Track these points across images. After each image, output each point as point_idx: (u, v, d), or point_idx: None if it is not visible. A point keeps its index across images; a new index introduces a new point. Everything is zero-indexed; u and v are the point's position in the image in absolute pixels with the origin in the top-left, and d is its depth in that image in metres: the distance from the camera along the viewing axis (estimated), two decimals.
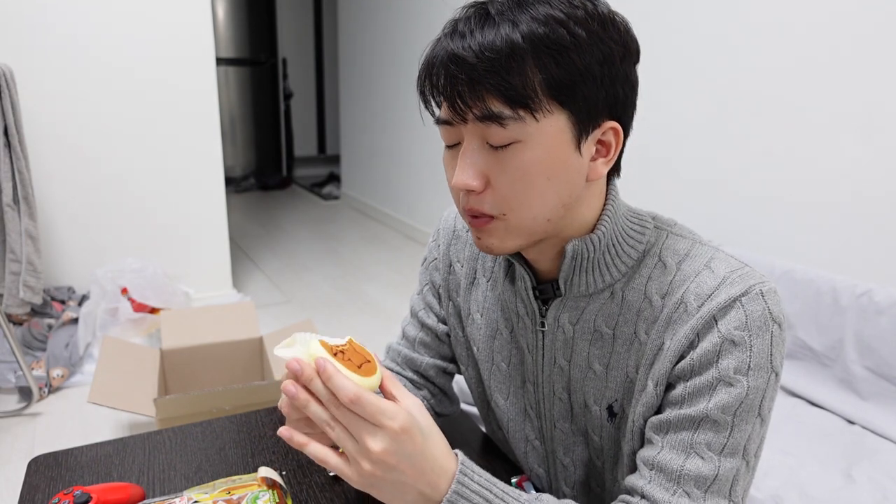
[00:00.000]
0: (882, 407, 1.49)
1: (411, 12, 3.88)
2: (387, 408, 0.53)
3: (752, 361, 0.59)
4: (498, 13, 0.57)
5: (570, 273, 0.67)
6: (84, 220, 2.70)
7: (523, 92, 0.56)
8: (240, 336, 2.10)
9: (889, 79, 1.63)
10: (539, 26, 0.55)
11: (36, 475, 0.81)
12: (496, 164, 0.60)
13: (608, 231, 0.65)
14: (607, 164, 0.63)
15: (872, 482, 1.29)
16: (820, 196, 1.81)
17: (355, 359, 0.58)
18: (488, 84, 0.56)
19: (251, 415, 0.97)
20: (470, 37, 0.57)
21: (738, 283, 0.61)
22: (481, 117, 0.57)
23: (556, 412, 0.75)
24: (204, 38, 2.74)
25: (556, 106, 0.57)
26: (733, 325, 0.59)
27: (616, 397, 0.69)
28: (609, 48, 0.58)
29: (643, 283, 0.66)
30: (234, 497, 0.70)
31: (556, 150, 0.59)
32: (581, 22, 0.57)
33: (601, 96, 0.59)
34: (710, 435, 0.60)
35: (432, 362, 0.87)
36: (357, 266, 3.75)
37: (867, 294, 1.54)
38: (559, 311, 0.70)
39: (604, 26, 0.58)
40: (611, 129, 0.61)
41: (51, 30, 2.46)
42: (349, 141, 5.18)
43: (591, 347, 0.69)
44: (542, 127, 0.58)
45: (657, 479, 0.61)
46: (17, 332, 2.33)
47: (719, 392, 0.60)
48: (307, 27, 6.22)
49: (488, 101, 0.57)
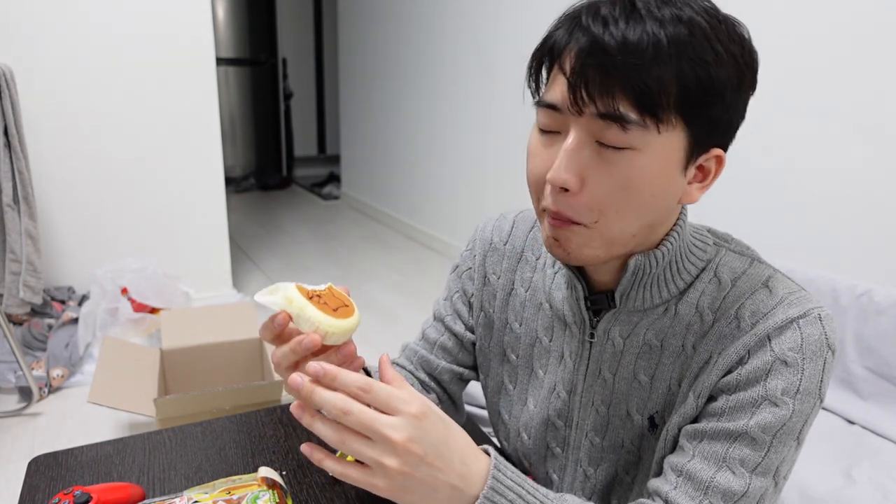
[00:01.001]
0: (882, 407, 1.49)
1: (411, 12, 3.88)
2: (400, 393, 0.50)
3: (802, 385, 0.58)
4: (645, 7, 0.53)
5: (629, 288, 0.65)
6: (84, 220, 2.70)
7: (657, 99, 0.53)
8: (240, 336, 2.10)
9: (889, 79, 1.63)
10: (684, 28, 0.52)
11: (36, 475, 0.81)
12: (601, 165, 0.56)
13: (673, 248, 0.64)
14: (702, 190, 0.61)
15: (872, 482, 1.29)
16: (820, 196, 1.81)
17: (331, 302, 0.57)
18: (624, 81, 0.52)
19: (251, 415, 0.96)
20: (614, 25, 0.52)
21: (796, 305, 0.60)
22: (604, 114, 0.53)
23: (590, 424, 0.74)
24: (204, 38, 2.73)
25: (680, 121, 0.55)
26: (788, 345, 0.58)
27: (657, 409, 0.68)
28: (742, 73, 0.56)
29: (696, 298, 0.65)
30: (234, 497, 0.70)
31: (667, 166, 0.56)
32: (722, 36, 0.54)
33: (723, 120, 0.57)
34: (747, 451, 0.59)
35: (448, 367, 0.85)
36: (357, 266, 3.75)
37: (867, 294, 1.54)
38: (610, 324, 0.69)
39: (742, 46, 0.56)
40: (715, 156, 0.59)
41: (51, 30, 2.46)
42: (349, 141, 5.17)
43: (638, 360, 0.68)
44: (662, 139, 0.55)
45: (683, 487, 0.60)
46: (17, 332, 2.33)
47: (763, 410, 0.58)
48: (307, 27, 6.21)
49: (618, 99, 0.53)
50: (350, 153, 5.19)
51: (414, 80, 3.96)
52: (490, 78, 3.26)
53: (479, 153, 3.42)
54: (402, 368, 0.87)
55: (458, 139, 3.62)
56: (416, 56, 3.89)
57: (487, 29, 3.22)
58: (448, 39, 3.55)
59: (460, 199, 3.70)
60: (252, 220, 4.77)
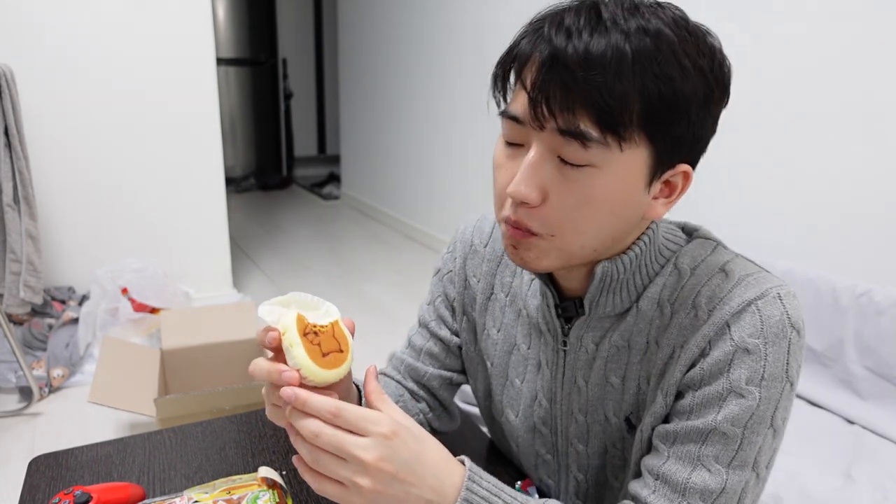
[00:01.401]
0: (882, 407, 1.49)
1: (411, 13, 3.88)
2: (370, 414, 0.51)
3: (767, 371, 0.56)
4: (611, 17, 0.51)
5: (597, 294, 0.64)
6: (84, 220, 2.70)
7: (619, 117, 0.51)
8: (240, 336, 2.10)
9: (889, 78, 1.63)
10: (650, 41, 0.51)
11: (36, 475, 0.81)
12: (562, 181, 0.55)
13: (642, 253, 0.62)
14: (667, 206, 0.60)
15: (872, 482, 1.29)
16: (820, 196, 1.81)
17: (326, 345, 0.54)
18: (585, 98, 0.51)
19: (251, 415, 0.96)
20: (577, 37, 0.51)
21: (753, 286, 0.57)
22: (563, 131, 0.52)
23: (573, 432, 0.73)
24: (204, 38, 2.73)
25: (644, 139, 0.53)
26: (747, 331, 0.56)
27: (632, 409, 0.67)
28: (710, 88, 0.54)
29: (657, 292, 0.63)
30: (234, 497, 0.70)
31: (629, 184, 0.55)
32: (690, 50, 0.52)
33: (688, 137, 0.55)
34: (719, 448, 0.57)
35: (437, 373, 0.84)
36: (357, 266, 3.75)
37: (867, 294, 1.54)
38: (583, 331, 0.68)
39: (711, 60, 0.54)
40: (682, 172, 0.58)
41: (51, 30, 2.46)
42: (349, 141, 5.17)
43: (608, 363, 0.68)
44: (624, 157, 0.53)
45: (661, 490, 0.59)
46: (17, 332, 2.33)
47: (729, 404, 0.57)
48: (307, 27, 6.21)
49: (579, 116, 0.51)
50: (350, 153, 5.19)
51: (414, 80, 3.96)
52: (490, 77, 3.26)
53: (479, 153, 3.42)
54: (389, 379, 0.85)
55: (457, 139, 3.62)
56: (417, 56, 3.89)
57: (487, 29, 3.22)
58: (448, 39, 3.55)
59: (460, 199, 3.70)
60: (252, 220, 4.77)
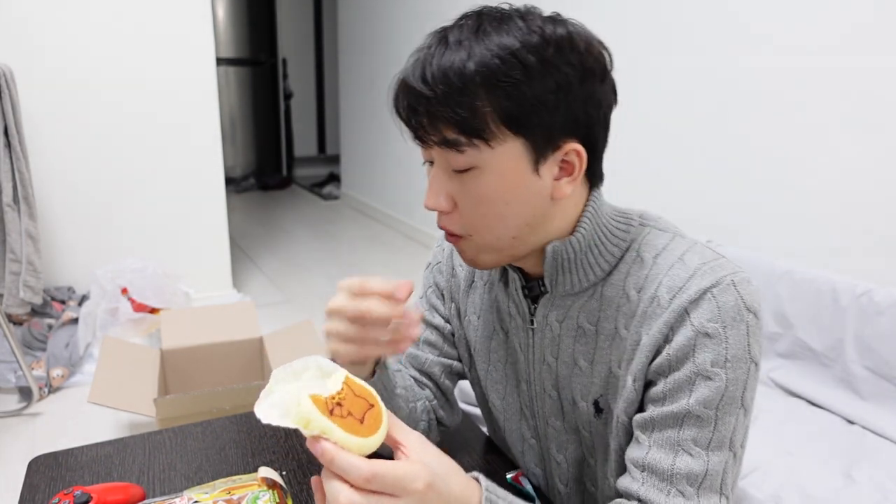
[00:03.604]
0: (882, 407, 1.49)
1: (411, 12, 3.88)
2: (406, 472, 0.48)
3: (730, 353, 0.59)
4: (456, 42, 0.58)
5: (555, 273, 0.68)
6: (84, 220, 2.70)
7: (475, 125, 0.58)
8: (240, 336, 2.10)
9: (889, 78, 1.63)
10: (492, 58, 0.56)
11: (36, 475, 0.81)
12: (460, 187, 0.62)
13: (588, 232, 0.66)
14: (571, 184, 0.63)
15: (872, 482, 1.29)
16: (820, 196, 1.81)
17: (356, 409, 0.49)
18: (442, 116, 0.58)
19: (251, 415, 0.96)
20: (429, 66, 0.59)
21: (708, 275, 0.60)
22: (440, 143, 0.60)
23: (548, 409, 0.76)
24: (204, 38, 2.74)
25: (510, 134, 0.59)
26: (706, 317, 0.59)
27: (601, 392, 0.70)
28: (564, 74, 0.58)
29: (622, 279, 0.66)
30: (234, 497, 0.70)
31: (512, 175, 0.61)
32: (535, 49, 0.57)
33: (558, 121, 0.59)
34: (695, 431, 0.60)
35: (437, 360, 0.87)
36: (357, 266, 3.75)
37: (867, 294, 1.54)
38: (547, 310, 0.71)
39: (560, 51, 0.58)
40: (573, 150, 0.62)
41: (51, 30, 2.46)
42: (349, 141, 5.17)
43: (576, 344, 0.70)
44: (497, 153, 0.59)
45: (650, 481, 0.61)
46: (17, 332, 2.33)
47: (699, 387, 0.60)
48: (307, 27, 6.21)
49: (444, 130, 0.59)
50: (350, 153, 5.19)
51: None
52: None
53: None
54: None
55: None
56: None
57: None
58: None
59: None
60: (252, 220, 4.77)
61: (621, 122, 0.69)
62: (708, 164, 2.14)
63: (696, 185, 2.19)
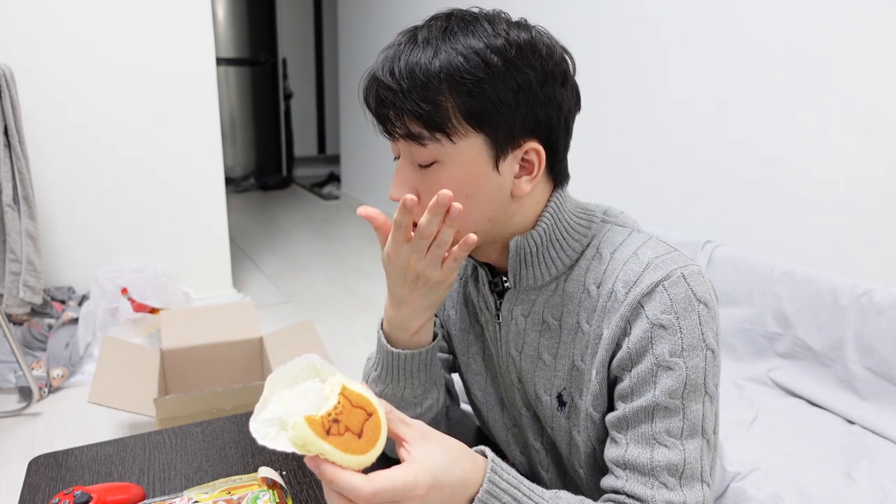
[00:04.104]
0: (882, 407, 1.49)
1: (411, 12, 3.88)
2: (406, 482, 0.49)
3: (685, 342, 0.61)
4: (424, 41, 0.61)
5: (518, 267, 0.70)
6: (84, 220, 2.70)
7: (437, 119, 0.60)
8: (240, 336, 2.10)
9: (889, 78, 1.63)
10: (456, 56, 0.59)
11: (36, 475, 0.81)
12: (423, 181, 0.64)
13: (549, 228, 0.68)
14: (531, 182, 0.65)
15: (872, 482, 1.29)
16: (820, 196, 1.81)
17: (354, 423, 0.48)
18: (407, 109, 0.61)
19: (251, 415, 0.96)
20: (396, 62, 0.61)
21: (660, 269, 0.63)
22: (405, 136, 0.62)
23: (518, 400, 0.79)
24: (204, 38, 2.74)
25: (471, 130, 0.61)
26: (659, 309, 0.61)
27: (564, 385, 0.71)
28: (525, 75, 0.61)
29: (582, 275, 0.69)
30: (234, 497, 0.70)
31: (472, 170, 0.63)
32: (498, 51, 0.60)
33: (518, 120, 0.62)
34: (667, 422, 0.62)
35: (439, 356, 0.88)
36: (357, 266, 3.75)
37: (867, 294, 1.54)
38: (512, 304, 0.73)
39: (522, 54, 0.61)
40: (532, 149, 0.64)
41: (51, 30, 2.46)
42: (349, 141, 5.18)
43: (541, 338, 0.72)
44: (458, 148, 0.62)
45: (633, 477, 0.63)
46: (17, 332, 2.33)
47: (661, 378, 0.61)
48: (307, 27, 6.21)
49: (409, 123, 0.62)
50: (350, 153, 5.20)
51: None
52: None
53: None
54: None
55: None
56: None
57: None
58: None
59: None
60: (252, 220, 4.77)
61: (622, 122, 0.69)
62: (708, 165, 2.14)
63: (695, 185, 2.19)
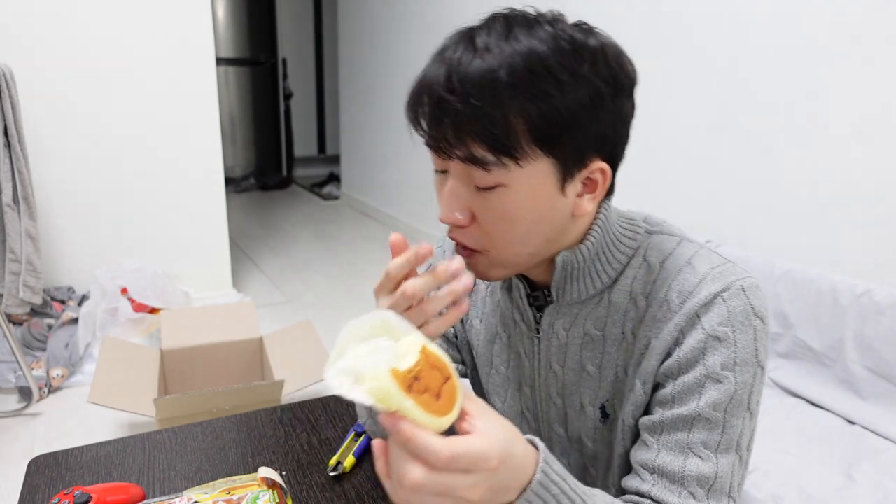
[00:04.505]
0: (882, 407, 1.49)
1: (411, 12, 3.88)
2: (482, 451, 0.45)
3: (738, 357, 0.60)
4: (484, 47, 0.55)
5: (562, 282, 0.67)
6: (84, 220, 2.70)
7: (507, 141, 0.55)
8: (240, 336, 2.10)
9: (889, 77, 1.63)
10: (525, 69, 0.53)
11: (36, 475, 0.81)
12: (481, 203, 0.60)
13: (597, 241, 0.66)
14: (593, 201, 0.63)
15: (872, 482, 1.29)
16: (820, 196, 1.81)
17: (433, 384, 0.46)
18: (472, 131, 0.55)
19: (251, 415, 0.96)
20: (455, 74, 0.55)
21: (718, 280, 0.61)
22: (465, 158, 0.57)
23: (553, 416, 0.76)
24: (204, 38, 2.74)
25: (540, 153, 0.57)
26: (716, 321, 0.60)
27: (608, 397, 0.70)
28: (596, 88, 0.56)
29: (629, 284, 0.66)
30: (234, 497, 0.70)
31: (539, 194, 0.59)
32: (566, 61, 0.55)
33: (589, 139, 0.58)
34: (705, 434, 0.60)
35: None
36: (357, 266, 3.75)
37: (867, 294, 1.54)
38: (553, 318, 0.71)
39: (593, 63, 0.56)
40: (598, 169, 0.61)
41: (51, 30, 2.46)
42: (349, 141, 5.17)
43: (583, 350, 0.70)
44: (525, 172, 0.57)
45: (661, 483, 0.61)
46: (17, 332, 2.33)
47: (708, 389, 0.60)
48: (307, 27, 6.21)
49: (472, 146, 0.56)
50: (350, 153, 5.19)
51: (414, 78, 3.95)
52: None
53: None
54: None
55: None
56: (417, 56, 3.88)
57: None
58: None
59: None
60: (252, 220, 4.77)
61: None
62: (708, 165, 2.14)
63: (695, 185, 2.19)
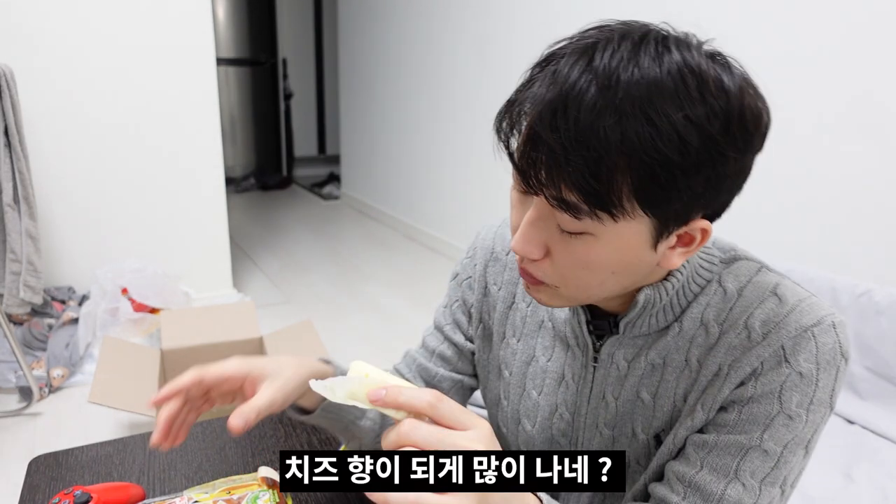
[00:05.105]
0: (882, 407, 1.49)
1: (411, 12, 3.88)
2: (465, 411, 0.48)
3: (816, 396, 0.57)
4: (604, 74, 0.47)
5: (636, 318, 0.64)
6: (84, 220, 2.70)
7: (606, 198, 0.48)
8: (240, 336, 2.10)
9: (889, 77, 1.63)
10: (646, 125, 0.46)
11: (36, 475, 0.81)
12: (560, 242, 0.54)
13: (682, 278, 0.62)
14: (684, 256, 0.56)
15: (872, 482, 1.29)
16: (820, 196, 1.81)
17: None
18: (568, 177, 0.48)
19: None
20: (562, 110, 0.47)
21: (808, 313, 0.57)
22: (555, 202, 0.50)
23: (595, 444, 0.72)
24: (204, 38, 2.73)
25: (640, 212, 0.50)
26: (803, 356, 0.56)
27: (663, 427, 0.67)
28: (725, 159, 0.49)
29: (701, 311, 0.62)
30: (234, 497, 0.70)
31: (629, 250, 0.53)
32: (700, 125, 0.47)
33: (699, 202, 0.51)
34: (757, 464, 0.58)
35: (448, 375, 0.83)
36: (357, 266, 3.75)
37: (867, 294, 1.54)
38: (614, 348, 0.67)
39: (726, 129, 0.48)
40: (700, 228, 0.54)
41: (51, 30, 2.46)
42: (349, 141, 5.17)
43: (642, 379, 0.67)
44: (618, 228, 0.51)
45: (692, 498, 0.59)
46: (17, 332, 2.33)
47: (777, 423, 0.57)
48: (307, 27, 6.21)
49: (565, 191, 0.49)
50: (350, 153, 5.19)
51: (414, 80, 3.96)
52: (491, 78, 3.26)
53: (480, 153, 3.42)
54: (401, 375, 0.86)
55: (458, 139, 3.62)
56: (417, 56, 3.89)
57: (488, 29, 3.22)
58: (448, 39, 3.55)
59: (460, 199, 3.70)
60: (252, 220, 4.77)
61: None
62: None
63: None
